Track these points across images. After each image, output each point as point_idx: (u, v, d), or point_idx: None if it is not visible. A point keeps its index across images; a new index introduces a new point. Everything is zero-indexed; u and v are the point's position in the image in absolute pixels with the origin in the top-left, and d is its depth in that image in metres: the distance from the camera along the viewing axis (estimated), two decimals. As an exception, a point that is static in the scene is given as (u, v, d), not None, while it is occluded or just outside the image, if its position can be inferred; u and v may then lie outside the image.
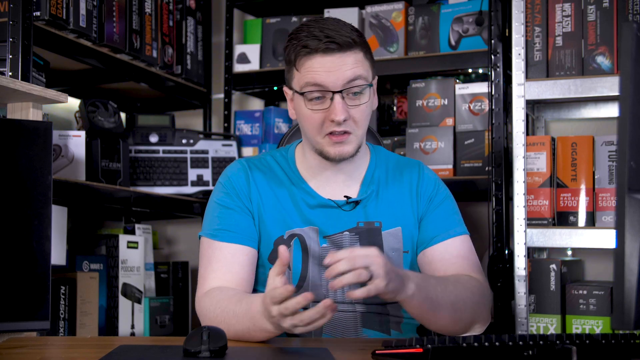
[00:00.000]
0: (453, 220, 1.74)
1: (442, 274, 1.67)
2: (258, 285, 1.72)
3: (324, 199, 1.70)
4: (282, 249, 1.37)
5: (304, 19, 2.87)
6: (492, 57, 2.44)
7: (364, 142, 1.74)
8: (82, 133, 2.33)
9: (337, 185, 1.72)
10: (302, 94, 1.62)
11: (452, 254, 1.70)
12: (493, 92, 2.42)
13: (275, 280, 1.36)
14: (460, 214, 1.78)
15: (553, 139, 2.25)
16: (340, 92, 1.59)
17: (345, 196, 1.70)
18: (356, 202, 1.71)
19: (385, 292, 1.38)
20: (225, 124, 3.02)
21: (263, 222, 1.69)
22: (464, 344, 1.21)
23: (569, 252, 2.54)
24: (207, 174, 2.80)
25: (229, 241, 1.65)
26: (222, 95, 3.05)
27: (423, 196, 1.74)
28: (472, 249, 1.75)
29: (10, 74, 1.97)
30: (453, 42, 2.62)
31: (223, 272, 1.63)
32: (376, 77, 1.72)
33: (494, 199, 2.39)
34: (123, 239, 2.47)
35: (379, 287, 1.36)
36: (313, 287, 1.67)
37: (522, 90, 2.20)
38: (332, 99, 1.59)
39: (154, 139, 2.75)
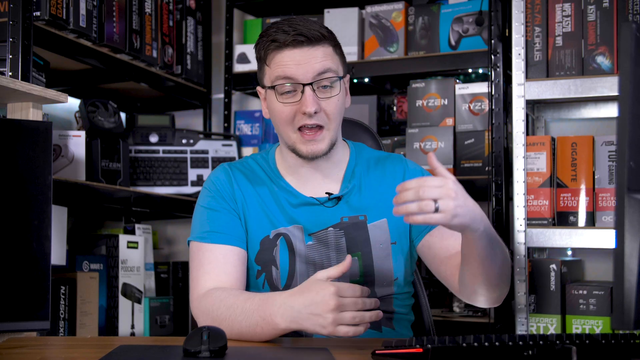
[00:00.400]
0: None
1: (454, 251, 1.66)
2: (250, 288, 1.72)
3: (305, 197, 1.70)
4: (349, 258, 1.45)
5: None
6: (492, 57, 2.44)
7: (340, 139, 1.75)
8: (82, 133, 2.34)
9: (317, 182, 1.72)
10: (273, 87, 1.64)
11: (456, 233, 1.69)
12: (493, 92, 2.42)
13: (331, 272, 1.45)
14: None
15: (553, 139, 2.25)
16: (310, 84, 1.61)
17: (326, 192, 1.71)
18: (338, 198, 1.71)
19: (449, 225, 1.38)
20: (225, 124, 3.02)
21: (248, 223, 1.70)
22: (464, 344, 1.21)
23: (569, 252, 2.54)
24: (207, 174, 2.80)
25: (219, 242, 1.65)
26: (222, 95, 3.05)
27: None
28: None
29: (10, 74, 1.97)
30: (453, 42, 2.62)
31: (217, 273, 1.62)
32: (348, 76, 1.72)
33: (494, 199, 2.39)
34: (123, 239, 2.47)
35: (440, 221, 1.35)
36: None
37: (522, 90, 2.20)
38: (302, 91, 1.61)
39: (154, 139, 2.75)
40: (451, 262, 1.66)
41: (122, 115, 2.94)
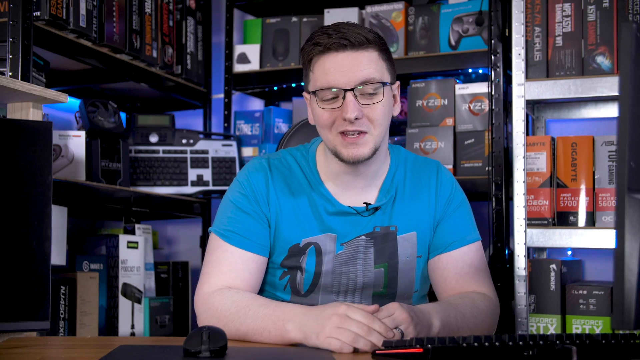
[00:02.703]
0: (469, 225, 1.74)
1: (454, 283, 1.68)
2: (266, 286, 1.71)
3: (343, 206, 1.67)
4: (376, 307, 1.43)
5: (304, 19, 2.88)
6: (492, 57, 2.44)
7: (386, 147, 1.71)
8: (82, 133, 2.34)
9: (356, 190, 1.69)
10: (314, 93, 1.60)
11: (467, 263, 1.70)
12: (493, 92, 2.42)
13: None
14: (473, 218, 1.77)
15: (553, 139, 2.25)
16: (352, 90, 1.56)
17: (364, 203, 1.68)
18: (375, 208, 1.69)
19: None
20: (225, 124, 3.02)
21: (279, 228, 1.67)
22: (464, 344, 1.21)
23: (569, 252, 2.54)
24: (207, 174, 2.80)
25: (241, 247, 1.63)
26: (222, 95, 3.05)
27: (441, 200, 1.73)
28: (484, 256, 1.75)
29: (10, 74, 1.97)
30: (453, 42, 2.62)
31: (232, 277, 1.61)
32: (398, 82, 1.69)
33: (494, 199, 2.39)
34: (123, 239, 2.47)
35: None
36: (324, 293, 1.68)
37: (522, 90, 2.20)
38: (344, 97, 1.56)
39: (154, 139, 2.75)
40: (447, 293, 1.68)
41: (122, 115, 2.94)
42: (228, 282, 1.60)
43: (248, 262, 1.63)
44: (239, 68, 2.96)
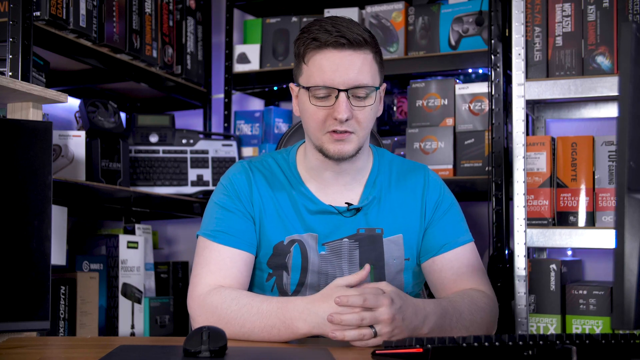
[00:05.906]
0: (460, 227, 1.74)
1: (452, 283, 1.68)
2: (253, 287, 1.71)
3: (324, 204, 1.68)
4: (368, 267, 1.47)
5: (304, 19, 2.88)
6: (492, 57, 2.44)
7: (367, 146, 1.72)
8: (82, 133, 2.34)
9: (338, 189, 1.70)
10: (307, 89, 1.60)
11: (463, 263, 1.70)
12: (493, 92, 2.42)
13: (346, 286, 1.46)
14: (465, 221, 1.77)
15: (553, 139, 2.25)
16: (346, 91, 1.57)
17: (346, 203, 1.69)
18: (357, 209, 1.69)
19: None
20: (225, 124, 3.03)
21: (263, 227, 1.68)
22: (464, 344, 1.21)
23: (569, 252, 2.54)
24: (207, 174, 2.80)
25: (228, 244, 1.64)
26: (222, 95, 3.05)
27: (429, 203, 1.73)
28: (479, 256, 1.75)
29: (10, 74, 1.97)
30: (453, 42, 2.62)
31: (222, 276, 1.61)
32: (385, 85, 1.69)
33: (494, 199, 2.39)
34: (123, 239, 2.47)
35: (377, 343, 1.40)
36: (311, 293, 1.68)
37: (522, 90, 2.20)
38: (337, 97, 1.57)
39: (154, 139, 2.75)
40: (446, 293, 1.68)
41: (122, 115, 2.94)
42: (219, 281, 1.60)
43: (236, 260, 1.63)
44: (239, 68, 2.96)
